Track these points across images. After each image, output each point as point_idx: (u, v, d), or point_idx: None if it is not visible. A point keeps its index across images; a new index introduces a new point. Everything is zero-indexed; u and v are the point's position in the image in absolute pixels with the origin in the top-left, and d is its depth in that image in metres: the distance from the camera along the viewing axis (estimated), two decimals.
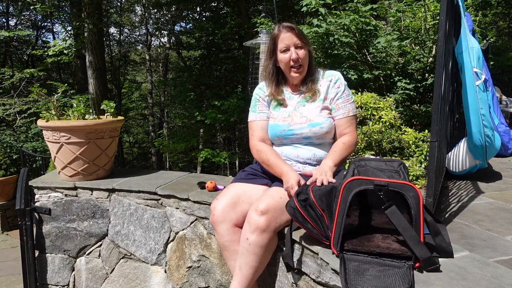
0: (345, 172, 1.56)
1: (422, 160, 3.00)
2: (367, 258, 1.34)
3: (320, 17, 4.35)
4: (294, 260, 1.64)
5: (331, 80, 1.90)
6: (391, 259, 1.31)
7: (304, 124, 1.84)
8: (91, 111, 2.76)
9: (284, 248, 1.61)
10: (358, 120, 3.22)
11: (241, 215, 1.77)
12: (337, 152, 1.79)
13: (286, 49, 1.84)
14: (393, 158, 1.50)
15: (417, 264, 1.29)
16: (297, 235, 1.64)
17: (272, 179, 1.90)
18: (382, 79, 4.48)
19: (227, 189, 1.90)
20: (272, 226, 1.64)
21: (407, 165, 1.94)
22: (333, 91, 1.88)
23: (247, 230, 1.65)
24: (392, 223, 1.31)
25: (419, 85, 4.18)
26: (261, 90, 1.99)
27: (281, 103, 1.93)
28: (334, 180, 1.54)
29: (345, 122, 1.87)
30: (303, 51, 1.84)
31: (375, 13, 4.59)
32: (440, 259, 1.36)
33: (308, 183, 1.59)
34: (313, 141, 1.86)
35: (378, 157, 1.58)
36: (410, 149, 3.12)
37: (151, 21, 15.11)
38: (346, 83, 1.92)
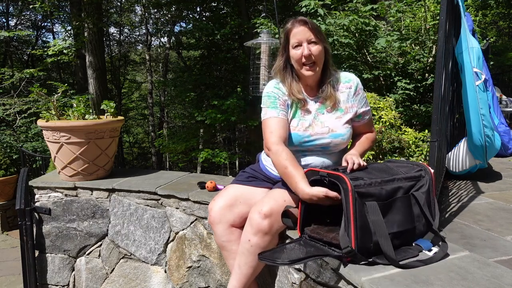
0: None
1: (422, 160, 2.99)
2: (311, 242, 1.47)
3: (320, 18, 4.35)
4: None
5: (350, 87, 1.79)
6: (332, 248, 1.40)
7: (326, 134, 1.74)
8: (91, 111, 2.76)
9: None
10: None
11: (238, 216, 1.78)
12: (361, 145, 1.83)
13: (298, 45, 1.69)
14: (418, 162, 1.59)
15: (348, 259, 1.35)
16: (296, 234, 1.64)
17: (274, 183, 1.88)
18: (382, 79, 4.48)
19: (225, 190, 1.89)
20: (275, 228, 1.63)
21: None
22: (356, 99, 1.80)
23: (249, 232, 1.65)
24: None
25: (419, 85, 4.18)
26: (279, 90, 1.78)
27: (302, 105, 1.77)
28: (364, 163, 1.55)
29: (369, 123, 1.90)
30: (318, 47, 1.68)
31: (375, 13, 4.59)
32: (440, 259, 1.36)
33: (344, 168, 1.56)
34: (330, 149, 1.78)
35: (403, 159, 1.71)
36: (410, 149, 3.12)
37: (151, 21, 15.10)
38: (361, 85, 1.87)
